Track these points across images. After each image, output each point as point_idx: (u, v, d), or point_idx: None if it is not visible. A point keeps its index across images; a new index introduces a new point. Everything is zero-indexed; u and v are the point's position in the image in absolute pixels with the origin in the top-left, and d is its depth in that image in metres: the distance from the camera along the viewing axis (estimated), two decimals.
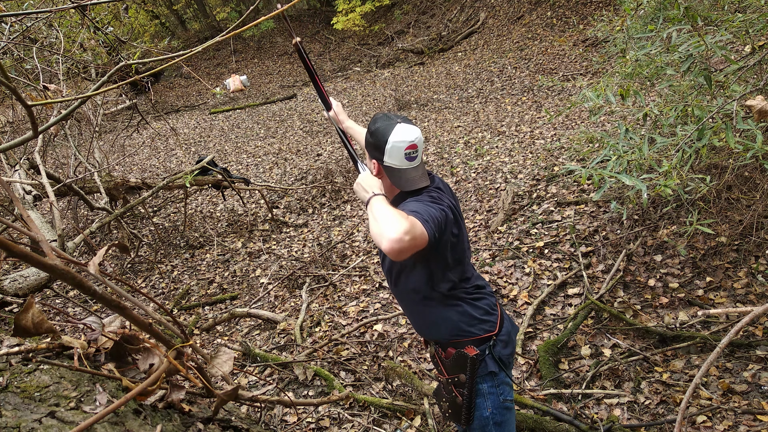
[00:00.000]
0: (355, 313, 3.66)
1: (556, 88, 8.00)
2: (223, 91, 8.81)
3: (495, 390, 1.56)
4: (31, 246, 1.46)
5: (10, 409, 0.90)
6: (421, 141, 1.52)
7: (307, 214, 5.87)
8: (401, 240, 1.18)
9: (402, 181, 1.51)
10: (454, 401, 1.58)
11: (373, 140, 1.54)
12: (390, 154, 1.50)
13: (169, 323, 1.08)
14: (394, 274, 1.62)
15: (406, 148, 1.48)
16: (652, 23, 2.70)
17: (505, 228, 4.24)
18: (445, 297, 1.56)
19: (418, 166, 1.53)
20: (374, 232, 1.28)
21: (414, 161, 1.51)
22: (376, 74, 12.99)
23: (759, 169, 2.99)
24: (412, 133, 1.49)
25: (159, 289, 4.82)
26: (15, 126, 6.07)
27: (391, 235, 1.19)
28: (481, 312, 1.58)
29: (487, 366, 1.55)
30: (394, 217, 1.23)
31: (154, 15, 18.51)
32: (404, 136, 1.48)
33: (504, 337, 1.62)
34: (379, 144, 1.51)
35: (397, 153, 1.49)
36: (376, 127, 1.53)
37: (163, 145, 10.41)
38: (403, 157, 1.49)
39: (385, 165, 1.53)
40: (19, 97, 1.04)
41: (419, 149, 1.51)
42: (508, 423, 1.59)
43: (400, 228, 1.20)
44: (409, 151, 1.49)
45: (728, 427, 2.18)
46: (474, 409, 1.56)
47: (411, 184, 1.51)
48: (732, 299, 2.87)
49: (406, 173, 1.51)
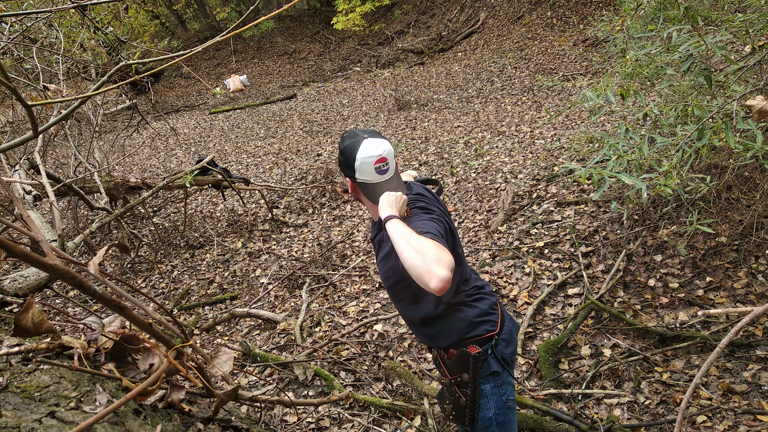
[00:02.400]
0: (355, 313, 3.66)
1: (556, 88, 8.00)
2: (223, 91, 8.81)
3: (497, 390, 1.57)
4: (31, 246, 1.46)
5: (10, 409, 0.90)
6: (391, 153, 1.52)
7: (307, 214, 5.87)
8: (449, 277, 1.16)
9: (377, 195, 1.50)
10: (457, 402, 1.58)
11: (343, 159, 1.56)
12: (360, 170, 1.51)
13: (169, 323, 1.08)
14: (408, 300, 1.60)
15: (375, 162, 1.49)
16: (653, 23, 2.70)
17: (505, 228, 4.24)
18: (449, 306, 1.56)
19: (391, 179, 1.52)
20: (415, 265, 1.21)
21: (386, 174, 1.51)
22: (376, 74, 12.99)
23: (759, 169, 2.99)
24: (379, 147, 1.49)
25: (159, 289, 4.82)
26: (15, 126, 6.07)
27: (441, 274, 1.15)
28: (481, 312, 1.58)
29: (490, 366, 1.55)
30: (436, 250, 1.20)
31: (154, 15, 18.51)
32: (371, 151, 1.49)
33: (506, 336, 1.62)
34: (349, 162, 1.52)
35: (367, 168, 1.50)
36: (344, 146, 1.54)
37: (163, 145, 10.41)
38: (373, 171, 1.50)
39: (358, 182, 1.54)
40: (19, 97, 1.04)
41: (389, 161, 1.51)
42: (511, 423, 1.59)
43: (447, 264, 1.17)
44: (379, 165, 1.50)
45: (728, 427, 2.18)
46: (478, 410, 1.56)
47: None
48: (732, 299, 2.87)
49: (380, 187, 1.51)
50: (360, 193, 1.59)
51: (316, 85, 13.80)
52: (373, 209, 1.58)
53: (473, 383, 1.54)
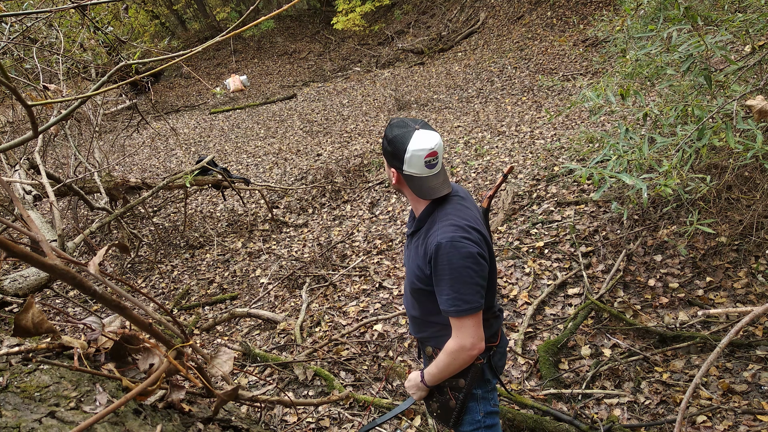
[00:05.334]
0: (355, 313, 3.66)
1: (556, 88, 8.00)
2: (223, 91, 8.81)
3: (488, 395, 1.60)
4: (31, 246, 1.46)
5: (10, 409, 0.90)
6: (441, 147, 1.45)
7: (307, 214, 5.87)
8: (479, 352, 1.44)
9: (423, 189, 1.45)
10: (446, 404, 1.61)
11: (391, 149, 1.46)
12: (410, 163, 1.43)
13: (169, 323, 1.08)
14: (425, 305, 1.60)
15: (426, 156, 1.41)
16: (653, 23, 2.70)
17: (505, 228, 4.24)
18: None
19: (439, 173, 1.46)
20: (458, 368, 1.49)
21: (434, 168, 1.45)
22: (376, 74, 12.98)
23: (759, 169, 2.99)
24: (431, 140, 1.42)
25: (159, 289, 4.82)
26: (15, 126, 6.07)
27: (471, 358, 1.45)
28: (493, 333, 1.61)
29: (484, 373, 1.59)
30: (466, 353, 1.44)
31: (154, 15, 18.51)
32: (424, 143, 1.41)
33: (502, 348, 1.68)
34: (398, 153, 1.43)
35: (417, 161, 1.42)
36: (394, 136, 1.45)
37: (163, 145, 10.41)
38: (423, 165, 1.42)
39: (405, 174, 1.46)
40: (19, 97, 1.04)
41: (439, 155, 1.44)
42: (497, 427, 1.65)
43: (473, 354, 1.44)
44: (429, 159, 1.42)
45: (728, 427, 2.18)
46: (464, 413, 1.59)
47: (432, 192, 1.45)
48: (732, 299, 2.87)
49: (427, 181, 1.45)
50: (404, 185, 1.51)
51: (316, 85, 13.80)
52: (416, 203, 1.53)
53: (468, 389, 1.56)
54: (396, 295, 3.75)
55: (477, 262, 1.38)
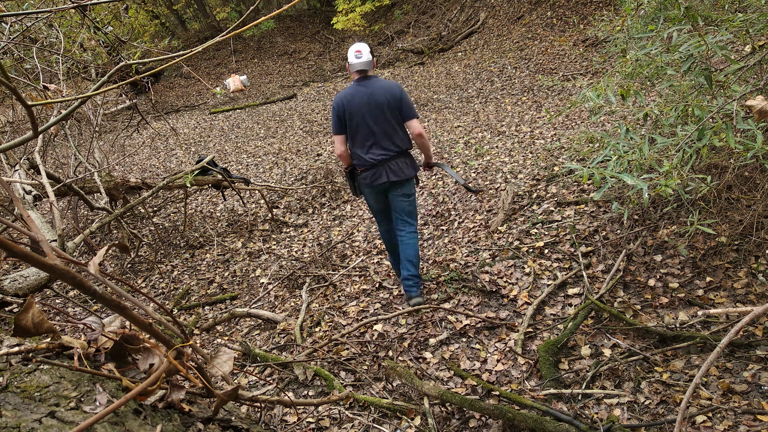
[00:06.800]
0: (355, 313, 3.66)
1: (556, 88, 8.00)
2: (223, 91, 8.81)
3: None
4: (31, 246, 1.46)
5: (10, 409, 0.90)
6: (366, 49, 3.21)
7: (307, 214, 5.87)
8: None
9: (351, 67, 3.24)
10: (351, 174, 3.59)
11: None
12: (348, 55, 3.28)
13: (169, 323, 1.07)
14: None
15: (355, 51, 3.22)
16: (653, 23, 2.70)
17: (505, 228, 4.24)
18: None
19: (361, 62, 3.21)
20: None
21: (359, 59, 3.21)
22: (375, 74, 12.98)
23: (759, 169, 2.99)
24: (358, 45, 3.23)
25: (159, 289, 4.82)
26: (15, 126, 6.07)
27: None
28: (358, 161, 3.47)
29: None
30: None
31: (154, 15, 18.50)
32: (354, 47, 3.23)
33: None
34: (347, 54, 3.31)
35: (350, 54, 3.25)
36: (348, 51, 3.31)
37: (163, 145, 10.41)
38: (353, 56, 3.23)
39: (348, 62, 3.28)
40: (19, 97, 1.04)
41: (363, 53, 3.19)
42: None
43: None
44: (355, 53, 3.22)
45: (728, 427, 2.18)
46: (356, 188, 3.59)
47: (354, 68, 3.23)
48: (732, 299, 2.87)
49: (353, 65, 3.25)
50: (348, 66, 3.33)
51: (316, 85, 13.80)
52: (351, 73, 3.37)
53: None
54: (396, 295, 3.75)
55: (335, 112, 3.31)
